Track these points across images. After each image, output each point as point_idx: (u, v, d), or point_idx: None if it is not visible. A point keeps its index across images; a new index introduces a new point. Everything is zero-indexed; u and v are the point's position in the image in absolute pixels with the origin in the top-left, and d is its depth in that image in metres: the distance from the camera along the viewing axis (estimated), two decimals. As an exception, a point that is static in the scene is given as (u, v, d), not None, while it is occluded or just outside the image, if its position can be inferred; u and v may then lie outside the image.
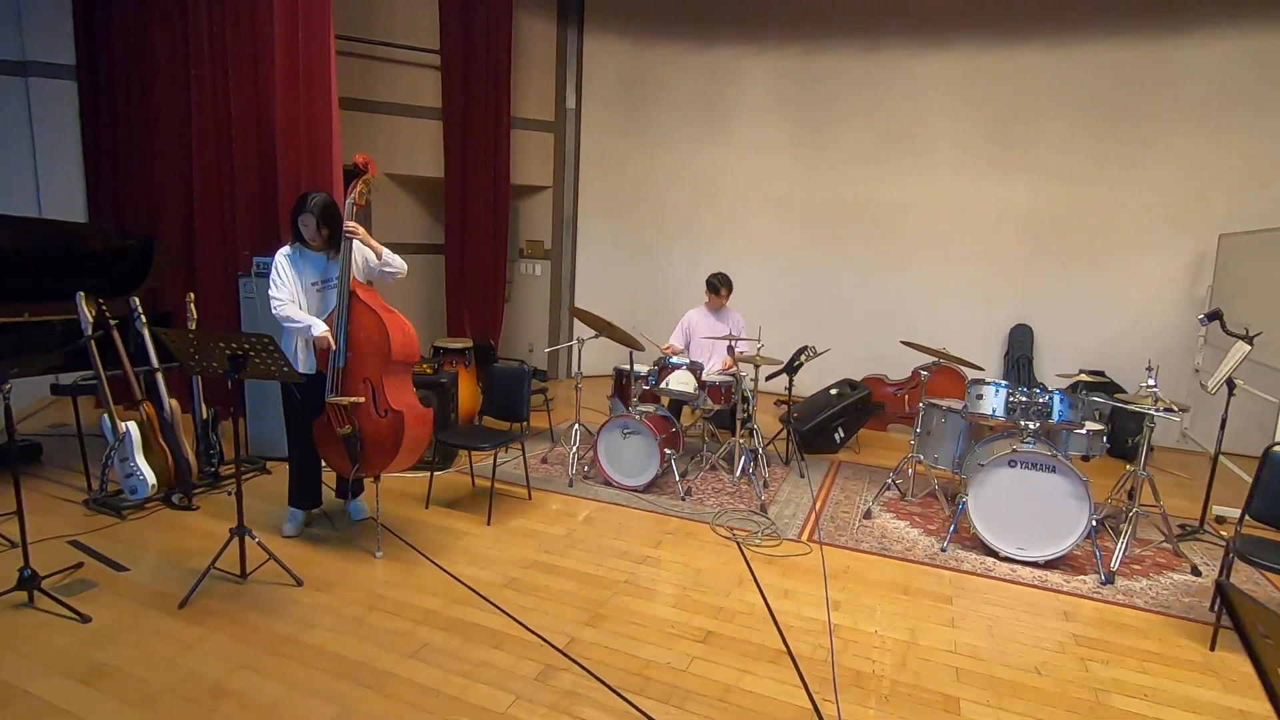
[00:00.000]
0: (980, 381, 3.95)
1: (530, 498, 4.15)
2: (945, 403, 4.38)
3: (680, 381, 4.39)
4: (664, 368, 4.46)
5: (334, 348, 3.15)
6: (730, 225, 7.26)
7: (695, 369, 4.45)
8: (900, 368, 6.42)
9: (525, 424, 4.11)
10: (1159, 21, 5.75)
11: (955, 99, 6.38)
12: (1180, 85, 5.74)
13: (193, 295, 4.18)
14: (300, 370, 3.25)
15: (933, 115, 6.46)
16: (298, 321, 3.18)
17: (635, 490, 4.31)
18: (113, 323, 3.86)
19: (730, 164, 7.15)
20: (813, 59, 6.77)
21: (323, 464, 3.51)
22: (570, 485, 4.37)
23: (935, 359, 4.33)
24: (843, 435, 5.34)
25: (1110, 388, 6.15)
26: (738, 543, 3.66)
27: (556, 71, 7.14)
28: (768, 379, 4.63)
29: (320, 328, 3.16)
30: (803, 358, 4.62)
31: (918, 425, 4.29)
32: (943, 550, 3.68)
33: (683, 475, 4.48)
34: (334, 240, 3.29)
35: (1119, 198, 6.01)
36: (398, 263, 3.40)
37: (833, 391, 5.46)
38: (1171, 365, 5.93)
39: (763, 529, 3.84)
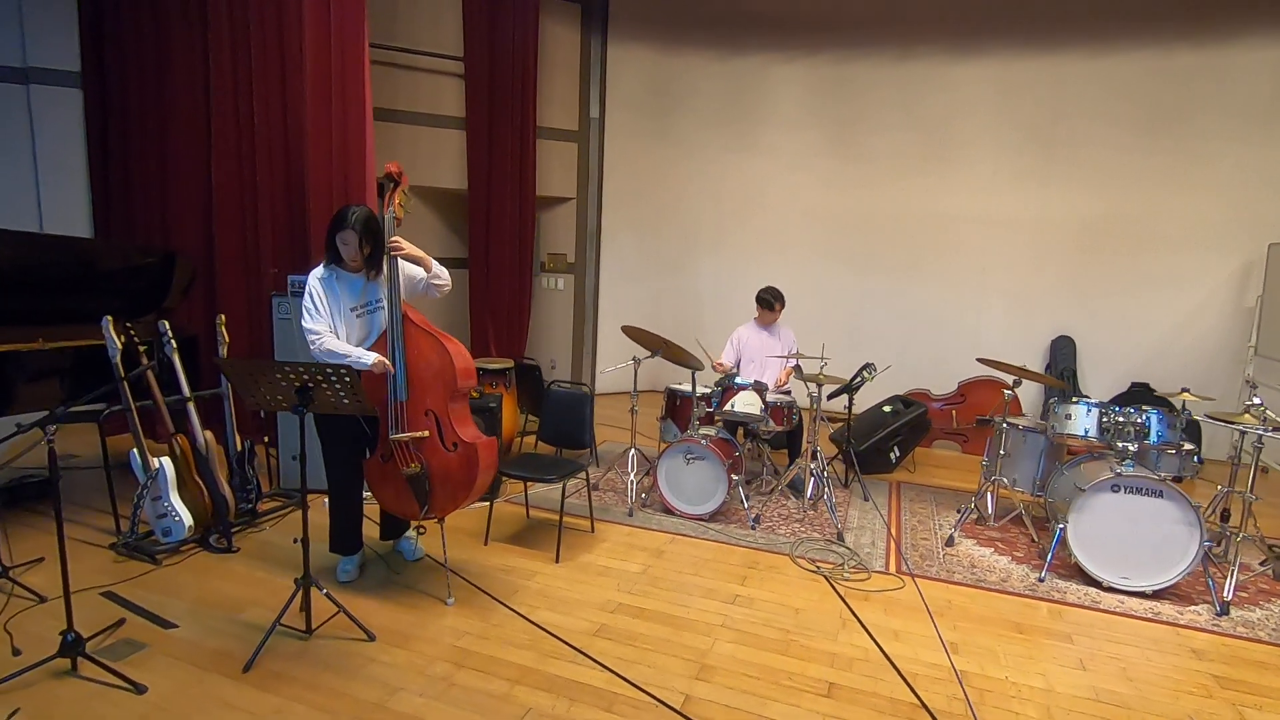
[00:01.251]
0: (1067, 400, 3.77)
1: (593, 530, 3.89)
2: (1022, 421, 4.19)
3: (746, 403, 4.16)
4: (728, 388, 4.23)
5: (393, 372, 2.87)
6: (759, 237, 7.08)
7: (760, 389, 4.22)
8: (938, 381, 6.26)
9: (590, 452, 3.84)
10: (1205, 27, 5.68)
11: (993, 107, 6.27)
12: (1228, 92, 5.67)
13: (223, 317, 3.87)
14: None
15: (970, 123, 6.34)
16: (343, 355, 2.85)
17: (700, 519, 4.07)
18: (141, 349, 3.55)
19: (760, 174, 6.98)
20: (844, 66, 6.63)
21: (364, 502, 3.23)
22: (630, 515, 4.12)
23: (1006, 374, 4.15)
24: (898, 454, 5.15)
25: (1158, 401, 6.05)
26: (826, 577, 3.43)
27: (580, 79, 6.92)
28: (830, 398, 4.42)
29: (370, 357, 2.86)
30: (866, 375, 4.42)
31: (1002, 446, 4.08)
32: (1040, 580, 3.48)
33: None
34: (375, 259, 2.99)
35: (1164, 206, 5.91)
36: (446, 275, 3.14)
37: (885, 409, 5.26)
38: (1220, 377, 5.84)
39: (847, 560, 3.61)
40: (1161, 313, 6.05)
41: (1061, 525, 3.49)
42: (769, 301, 4.78)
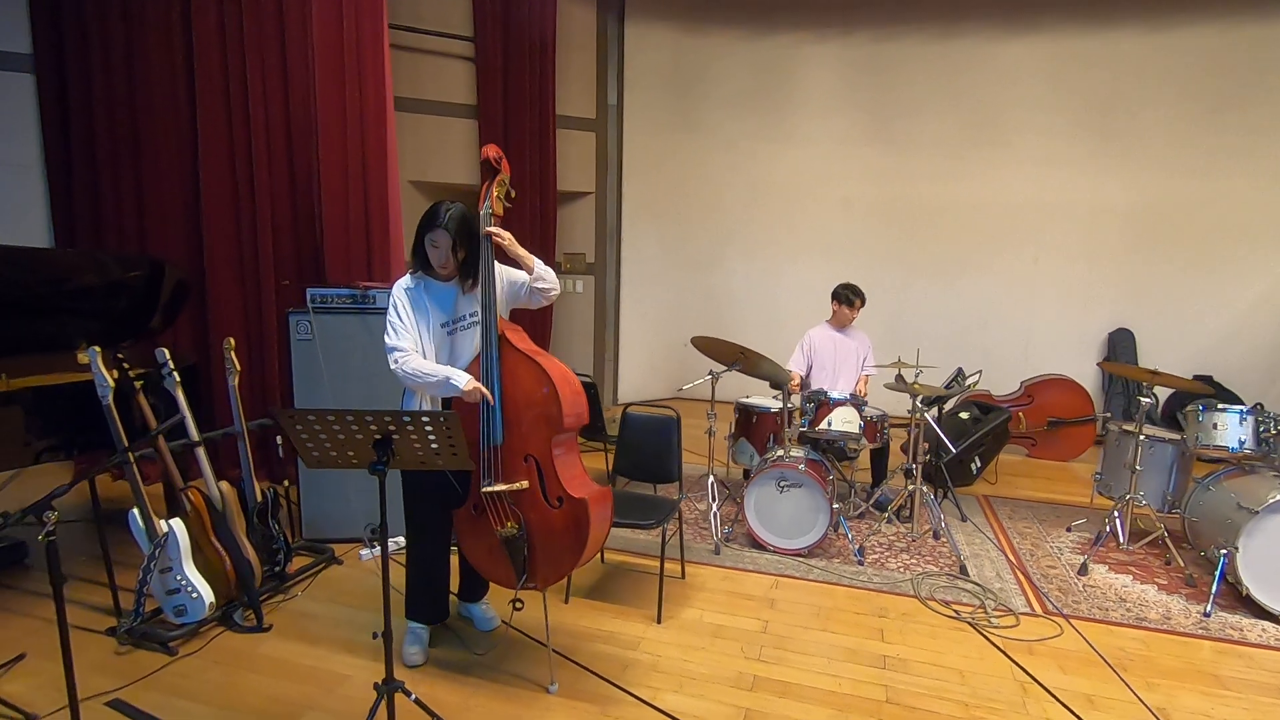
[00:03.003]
0: (1211, 408, 3.37)
1: (684, 575, 3.35)
2: (1148, 430, 3.78)
3: (845, 420, 3.67)
4: (823, 403, 3.73)
5: (491, 402, 2.30)
6: (791, 230, 6.60)
7: (858, 404, 3.73)
8: (991, 380, 5.87)
9: (680, 486, 3.31)
10: (1269, 2, 5.38)
11: (1044, 87, 5.89)
12: (1294, 68, 5.38)
13: (232, 341, 3.21)
14: None
15: (1019, 106, 5.95)
16: (430, 374, 2.31)
17: (798, 554, 3.57)
18: (137, 384, 2.89)
19: (791, 163, 6.49)
20: (882, 46, 6.18)
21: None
22: (717, 552, 3.59)
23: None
24: (979, 465, 4.72)
25: (1224, 395, 5.77)
26: (973, 625, 2.96)
27: (598, 63, 6.34)
28: (925, 410, 3.95)
29: (463, 378, 2.31)
30: (961, 383, 3.97)
31: (1127, 459, 3.67)
32: (1206, 615, 3.07)
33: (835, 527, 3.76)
34: (470, 265, 2.44)
35: (1229, 191, 5.62)
36: (552, 277, 2.59)
37: (963, 415, 4.83)
38: (1285, 367, 5.57)
39: (984, 600, 3.15)
40: (1223, 302, 5.77)
41: (1224, 551, 3.08)
42: (849, 298, 4.30)
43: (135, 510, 2.78)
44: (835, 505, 3.57)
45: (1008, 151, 6.01)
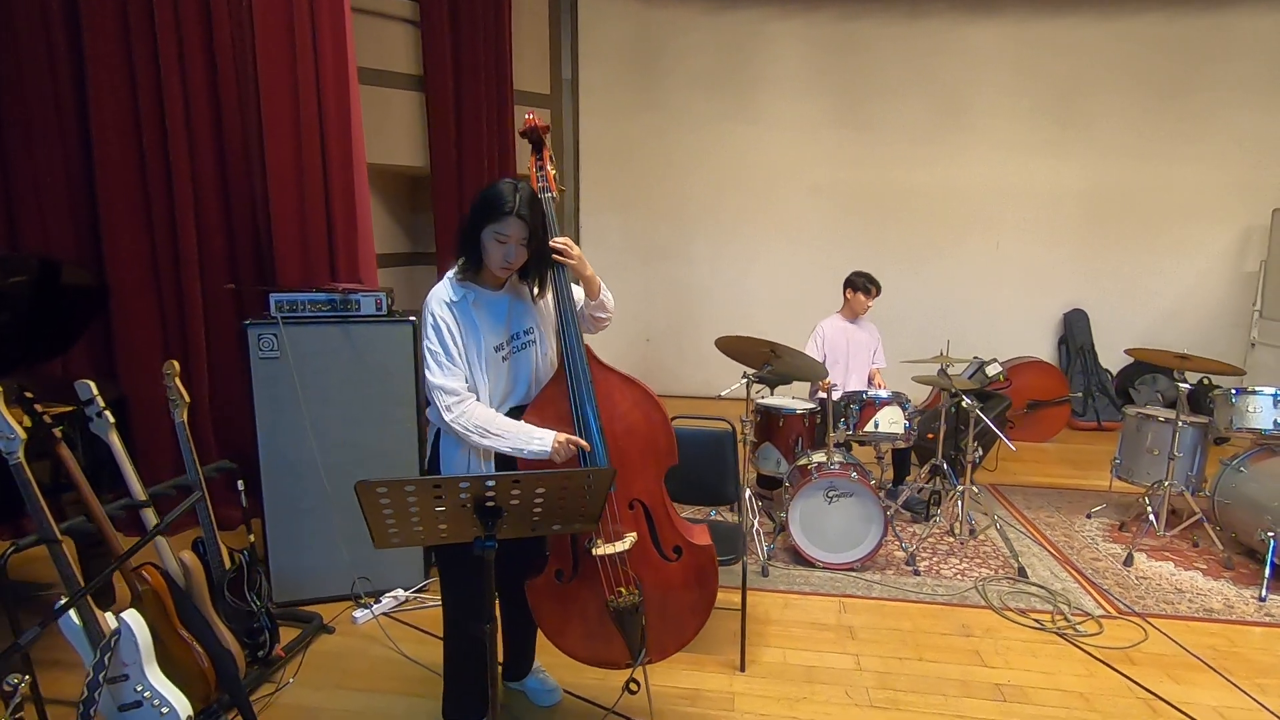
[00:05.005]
0: (1245, 391, 3.38)
1: (744, 607, 2.97)
2: (1163, 413, 3.78)
3: (891, 421, 3.42)
4: (867, 404, 3.45)
5: (588, 449, 1.80)
6: (759, 217, 6.32)
7: (901, 402, 3.49)
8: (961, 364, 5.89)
9: (738, 508, 2.92)
10: (1210, -7, 5.63)
11: (1007, 72, 5.91)
12: (1230, 59, 5.67)
13: (176, 366, 2.48)
14: None
15: (984, 90, 5.95)
16: (502, 434, 1.78)
17: (849, 569, 3.29)
18: (56, 431, 2.15)
19: (759, 146, 6.21)
20: (849, 25, 5.99)
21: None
22: (765, 574, 3.25)
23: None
24: (981, 454, 4.64)
25: (1163, 368, 6.07)
26: (1059, 634, 2.79)
27: (550, 32, 5.76)
28: (977, 405, 3.75)
29: (545, 436, 1.77)
30: (994, 373, 3.83)
31: (1149, 443, 3.65)
32: (1262, 601, 3.06)
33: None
34: (540, 266, 1.92)
35: (1174, 174, 5.87)
36: (611, 302, 2.10)
37: (964, 404, 4.73)
38: (1221, 339, 5.92)
39: (1058, 605, 2.99)
40: (1168, 281, 6.06)
41: (1270, 535, 3.09)
42: (866, 286, 4.05)
43: (61, 603, 2.06)
44: (889, 512, 3.31)
45: (974, 136, 6.01)
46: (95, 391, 2.27)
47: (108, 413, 2.28)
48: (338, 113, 3.21)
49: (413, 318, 2.88)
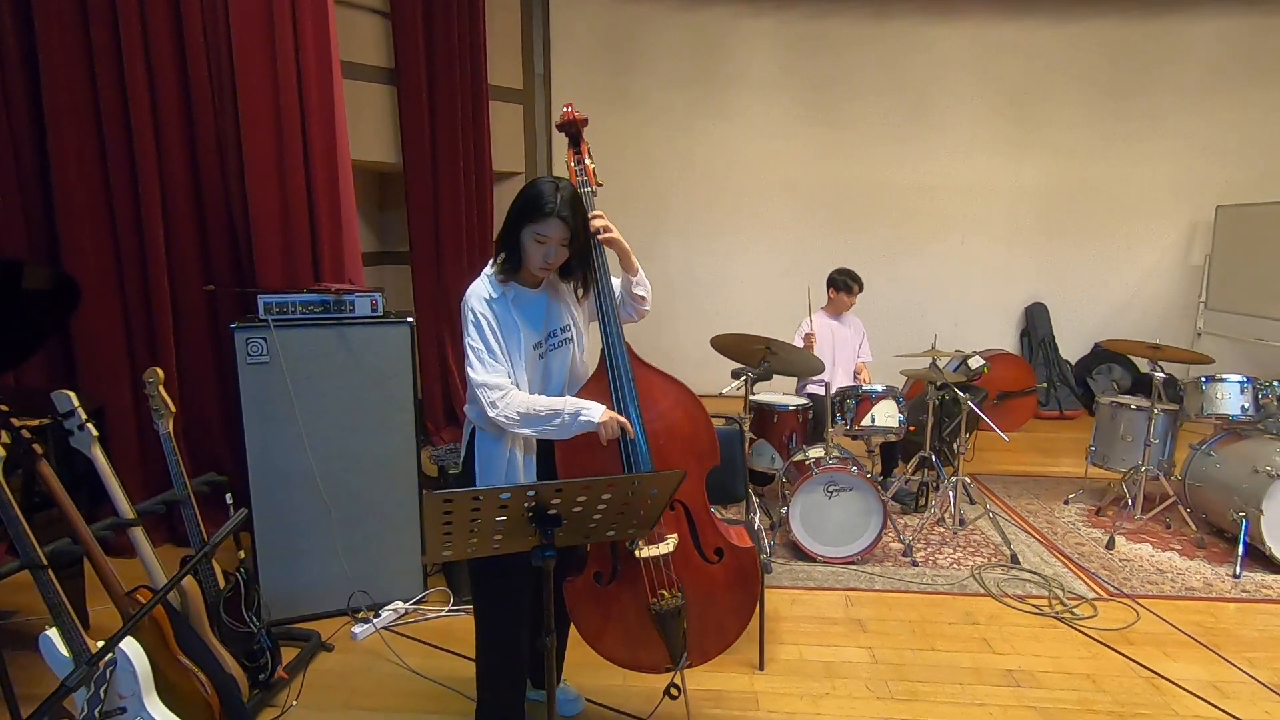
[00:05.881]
0: (1214, 379, 3.55)
1: (752, 605, 2.97)
2: (1135, 401, 3.94)
3: (886, 415, 3.47)
4: (863, 399, 3.49)
5: (631, 434, 1.76)
6: (732, 213, 6.34)
7: (895, 396, 3.54)
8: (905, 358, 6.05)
9: (748, 506, 2.92)
10: (1155, 2, 5.88)
11: (970, 74, 6.07)
12: (1175, 62, 5.95)
13: (160, 374, 2.32)
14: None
15: (949, 91, 6.10)
16: (548, 413, 1.73)
17: (850, 563, 3.32)
18: (37, 449, 1.98)
19: (731, 143, 6.22)
20: (818, 24, 6.06)
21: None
22: (768, 570, 3.25)
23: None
24: (956, 443, 4.76)
25: (1118, 359, 6.35)
26: (1058, 618, 2.88)
27: (523, 25, 5.65)
28: (972, 399, 3.82)
29: (595, 408, 1.74)
30: (977, 366, 3.93)
31: (1122, 430, 3.80)
32: (1236, 578, 3.22)
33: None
34: (579, 267, 1.87)
35: (1124, 173, 6.13)
36: (648, 283, 2.08)
37: (944, 397, 4.84)
38: (1170, 330, 6.21)
39: (1054, 589, 3.08)
40: (1120, 275, 6.33)
41: (1241, 515, 3.25)
42: (847, 285, 4.11)
43: (50, 633, 1.90)
44: (885, 504, 3.35)
45: (939, 134, 6.16)
46: (76, 403, 2.11)
47: (90, 425, 2.12)
48: (320, 103, 3.07)
49: (410, 319, 2.77)
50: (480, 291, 1.79)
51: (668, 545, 1.78)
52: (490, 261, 1.86)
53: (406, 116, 4.77)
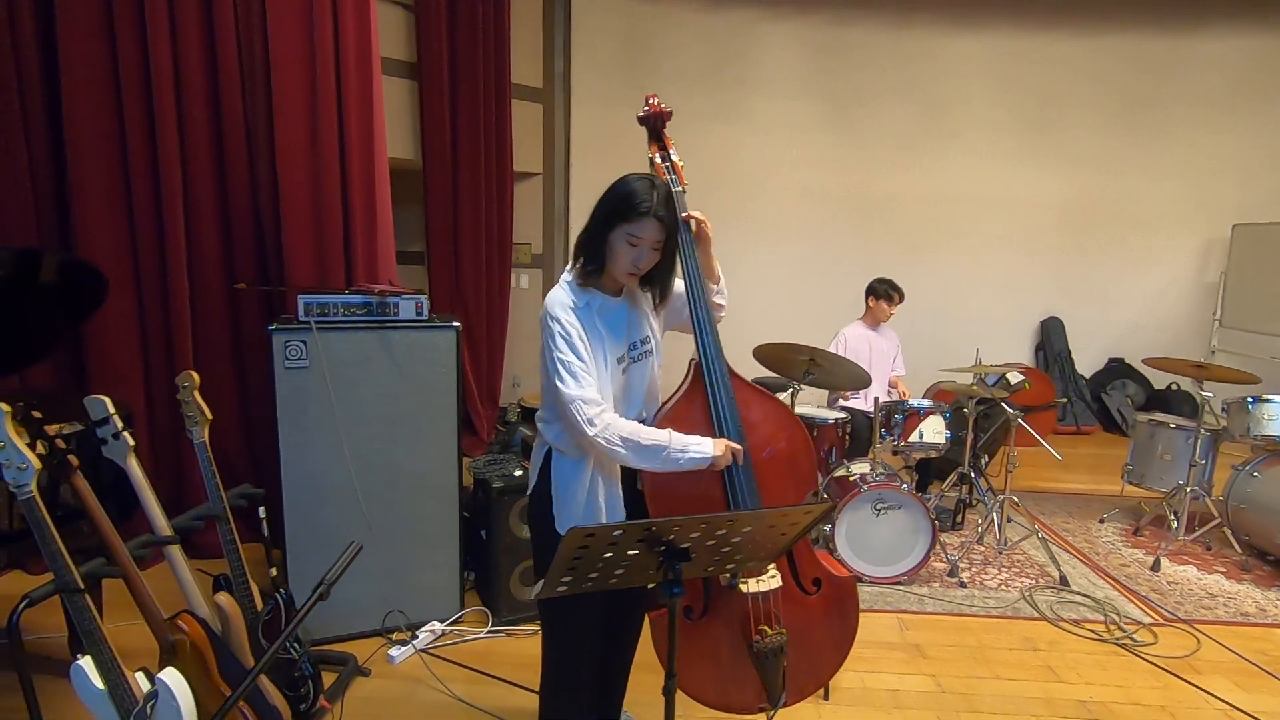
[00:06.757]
0: (1260, 399, 3.50)
1: (805, 628, 2.85)
2: (1171, 419, 3.89)
3: (934, 431, 3.37)
4: (910, 414, 3.39)
5: (740, 461, 1.63)
6: (747, 216, 6.21)
7: (942, 411, 3.45)
8: (937, 371, 5.99)
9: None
10: (1175, 15, 5.90)
11: (990, 84, 6.04)
12: (1192, 79, 5.96)
13: (196, 378, 2.15)
14: (599, 523, 1.68)
15: (968, 100, 6.06)
16: (657, 443, 1.57)
17: (896, 583, 3.22)
18: (74, 462, 1.81)
19: (748, 146, 6.12)
20: (841, 30, 5.99)
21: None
22: (814, 592, 3.13)
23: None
24: (987, 459, 4.70)
25: (1132, 375, 6.35)
26: (1119, 645, 2.79)
27: (544, 23, 5.51)
28: (1019, 416, 3.73)
29: (709, 446, 1.59)
30: (1017, 382, 3.85)
31: (1160, 450, 3.74)
32: (1288, 602, 3.17)
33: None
34: (666, 273, 1.73)
35: (1141, 186, 6.13)
36: (727, 293, 1.96)
37: (963, 410, 4.77)
38: (1184, 346, 6.21)
39: (1108, 614, 3.00)
40: (1135, 291, 6.32)
41: (1292, 537, 3.20)
42: (888, 293, 4.01)
43: (85, 661, 1.73)
44: (936, 522, 3.25)
45: (956, 144, 6.11)
46: (112, 409, 1.94)
47: (126, 434, 1.95)
48: (359, 96, 2.92)
49: (457, 323, 2.62)
50: (562, 299, 1.64)
51: (775, 579, 1.65)
52: (568, 267, 1.72)
53: (428, 112, 4.62)
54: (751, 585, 1.64)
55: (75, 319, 2.57)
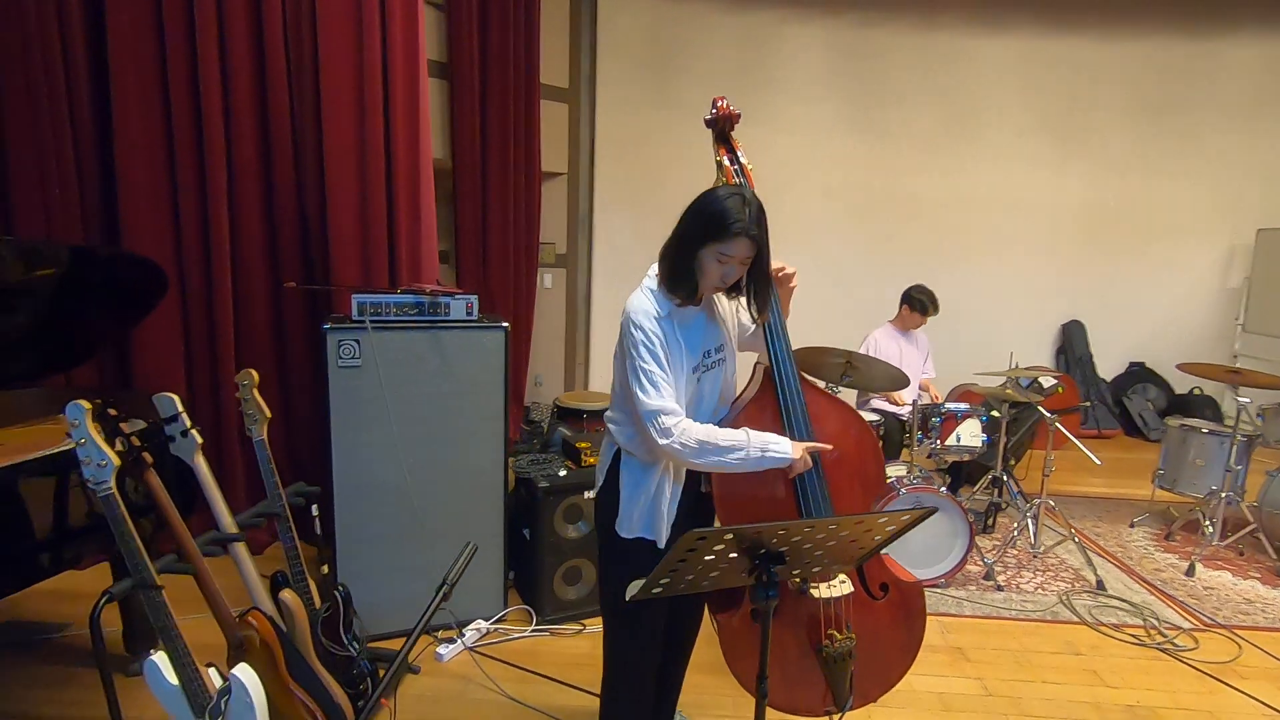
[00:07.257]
0: (1297, 404, 3.49)
1: (846, 630, 2.86)
2: (1203, 424, 3.89)
3: (971, 434, 3.39)
4: (948, 418, 3.39)
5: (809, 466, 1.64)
6: (770, 218, 6.20)
7: (980, 414, 3.45)
8: (969, 374, 6.00)
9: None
10: (1200, 19, 5.89)
11: (1015, 87, 6.03)
12: (1217, 85, 5.95)
13: (255, 376, 2.17)
14: (664, 536, 1.69)
15: (992, 103, 6.06)
16: (736, 446, 1.57)
17: (934, 585, 3.23)
18: (148, 459, 1.83)
19: (772, 146, 6.09)
20: (867, 32, 5.99)
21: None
22: (852, 594, 3.14)
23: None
24: (1014, 462, 4.70)
25: (1154, 380, 6.35)
26: (1161, 649, 2.80)
27: (571, 23, 5.52)
28: (1054, 419, 3.74)
29: (786, 444, 1.59)
30: (1050, 387, 3.86)
31: (1191, 456, 3.74)
32: (1327, 608, 3.17)
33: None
34: (763, 287, 1.72)
35: (1165, 191, 6.12)
36: None
37: (994, 415, 4.77)
38: (1207, 352, 6.21)
39: (1149, 619, 3.01)
40: (1157, 295, 6.31)
41: (1330, 543, 3.20)
42: (923, 304, 4.01)
43: (159, 656, 1.75)
44: (972, 524, 3.26)
45: (980, 146, 6.11)
46: (180, 407, 1.96)
47: (194, 432, 1.97)
48: (406, 111, 2.93)
49: (505, 324, 2.64)
50: (647, 308, 1.64)
51: (846, 585, 1.67)
52: (650, 271, 1.73)
53: (458, 112, 4.61)
54: (823, 590, 1.65)
55: (129, 319, 2.58)
